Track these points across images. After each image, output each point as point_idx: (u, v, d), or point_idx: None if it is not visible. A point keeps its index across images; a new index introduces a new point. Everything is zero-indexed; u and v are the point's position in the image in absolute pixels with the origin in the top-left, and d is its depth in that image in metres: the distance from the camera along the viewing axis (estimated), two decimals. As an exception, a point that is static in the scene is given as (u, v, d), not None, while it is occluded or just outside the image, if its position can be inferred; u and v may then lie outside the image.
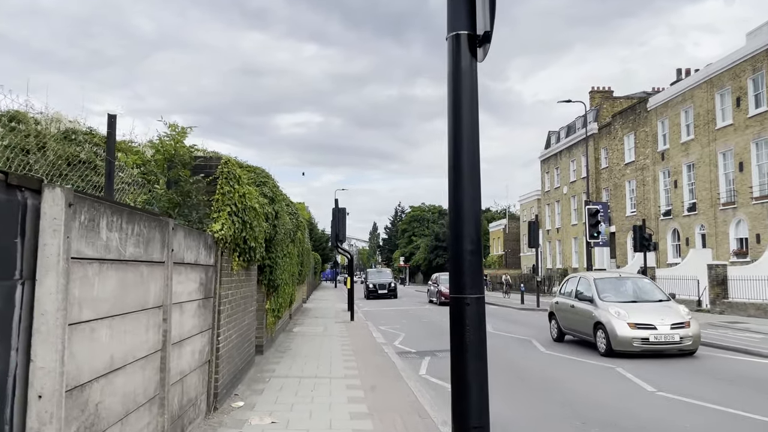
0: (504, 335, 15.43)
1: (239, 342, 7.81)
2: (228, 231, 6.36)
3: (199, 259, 5.55)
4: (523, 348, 13.08)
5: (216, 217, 6.29)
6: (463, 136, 3.37)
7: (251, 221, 7.24)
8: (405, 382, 8.27)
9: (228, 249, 6.71)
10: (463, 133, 3.37)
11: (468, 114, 3.40)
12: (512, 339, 14.71)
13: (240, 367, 7.90)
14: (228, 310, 6.87)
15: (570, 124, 48.60)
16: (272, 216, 9.47)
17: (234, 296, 7.26)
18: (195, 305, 5.43)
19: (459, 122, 3.37)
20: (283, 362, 9.89)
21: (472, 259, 3.37)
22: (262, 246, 8.54)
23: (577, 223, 45.10)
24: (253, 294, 9.11)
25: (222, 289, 6.47)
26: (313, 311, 22.91)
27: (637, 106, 35.99)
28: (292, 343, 12.44)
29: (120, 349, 3.56)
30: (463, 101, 3.40)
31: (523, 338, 14.82)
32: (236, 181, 6.71)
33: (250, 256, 7.73)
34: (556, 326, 14.08)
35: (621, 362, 10.54)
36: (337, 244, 19.85)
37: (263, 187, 9.47)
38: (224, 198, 6.38)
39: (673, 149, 31.83)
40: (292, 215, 13.56)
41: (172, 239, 4.54)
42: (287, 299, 13.54)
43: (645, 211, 34.28)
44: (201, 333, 5.71)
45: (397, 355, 11.37)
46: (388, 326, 17.99)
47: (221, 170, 6.46)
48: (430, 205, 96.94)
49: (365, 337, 13.93)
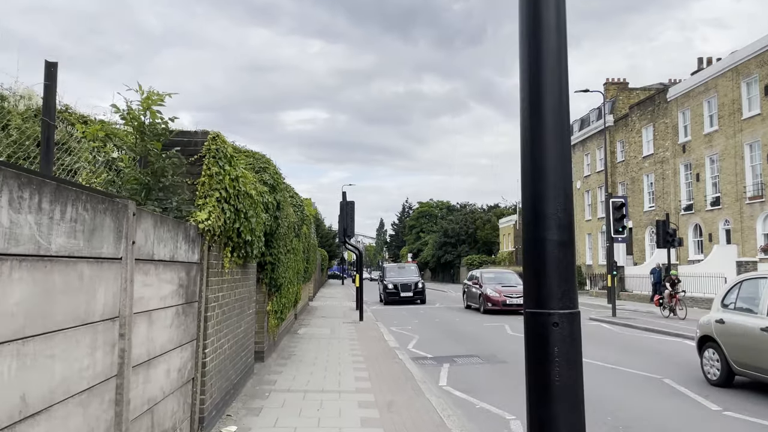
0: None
1: (234, 352, 6.72)
2: (216, 221, 5.26)
3: (177, 255, 4.45)
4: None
5: (201, 204, 5.19)
6: (545, 62, 2.23)
7: (246, 210, 6.14)
8: (425, 396, 7.16)
9: (217, 243, 5.61)
10: (544, 57, 2.23)
11: (554, 34, 2.27)
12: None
13: (235, 380, 6.81)
14: (218, 315, 5.77)
15: (583, 117, 47.21)
16: (273, 206, 8.37)
17: (226, 299, 6.16)
18: (171, 313, 4.33)
19: (539, 40, 2.24)
20: (287, 371, 8.80)
21: (561, 253, 2.24)
22: (261, 240, 7.44)
23: (591, 218, 43.80)
24: (251, 295, 8.02)
25: (210, 291, 5.37)
26: (319, 310, 21.85)
27: (656, 97, 34.62)
28: (296, 348, 11.36)
29: (41, 385, 2.47)
30: (545, 15, 2.27)
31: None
32: (227, 160, 5.60)
33: (246, 252, 6.63)
34: (721, 361, 8.43)
35: None
36: (345, 239, 18.74)
37: (263, 174, 8.37)
38: (212, 181, 5.28)
39: (695, 141, 30.48)
40: (297, 207, 12.47)
41: (133, 228, 3.44)
42: (291, 299, 12.45)
43: (664, 205, 32.97)
44: (180, 347, 4.61)
45: (412, 361, 10.27)
46: (399, 327, 16.88)
47: (208, 147, 5.35)
48: (438, 201, 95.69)
49: (376, 341, 12.83)
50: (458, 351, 11.93)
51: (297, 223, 12.19)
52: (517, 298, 20.64)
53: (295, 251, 12.30)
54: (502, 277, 23.70)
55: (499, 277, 23.64)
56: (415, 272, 29.48)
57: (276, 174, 8.76)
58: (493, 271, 25.30)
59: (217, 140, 5.43)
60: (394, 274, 28.96)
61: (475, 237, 70.94)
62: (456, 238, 71.48)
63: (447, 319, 19.57)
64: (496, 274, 24.34)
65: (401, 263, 31.01)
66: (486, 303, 21.51)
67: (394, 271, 29.75)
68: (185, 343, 4.75)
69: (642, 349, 12.33)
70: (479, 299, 22.34)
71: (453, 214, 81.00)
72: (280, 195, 8.79)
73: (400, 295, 26.96)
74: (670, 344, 13.02)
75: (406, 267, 31.05)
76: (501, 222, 68.30)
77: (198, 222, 5.03)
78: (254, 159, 8.60)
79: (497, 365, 10.22)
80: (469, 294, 24.62)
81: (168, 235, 4.22)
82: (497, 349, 12.19)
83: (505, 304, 20.93)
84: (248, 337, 7.85)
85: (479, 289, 22.66)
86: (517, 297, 20.70)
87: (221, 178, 5.39)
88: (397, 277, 28.19)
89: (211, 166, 5.30)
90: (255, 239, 6.85)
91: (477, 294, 22.83)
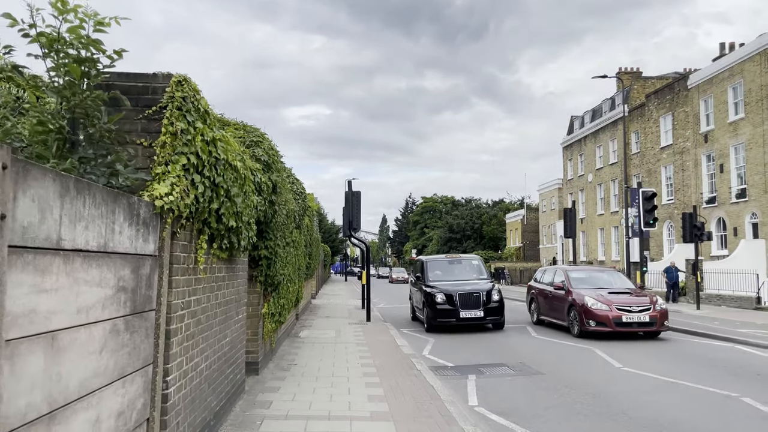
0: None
1: (215, 370, 5.23)
2: (183, 197, 3.77)
3: (114, 244, 2.97)
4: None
5: (161, 173, 3.70)
6: None
7: (229, 187, 4.64)
8: (459, 425, 5.67)
9: (187, 229, 4.12)
10: None
11: None
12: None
13: (216, 407, 5.33)
14: (189, 327, 4.28)
15: (596, 108, 45.61)
16: (268, 188, 6.87)
17: (202, 303, 4.67)
18: (102, 332, 2.85)
19: None
20: (285, 388, 7.32)
21: None
22: (252, 228, 5.95)
23: (604, 212, 42.25)
24: (240, 296, 6.53)
25: (174, 296, 3.88)
26: (323, 309, 20.37)
27: (675, 85, 32.98)
28: (297, 356, 9.88)
29: None
30: None
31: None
32: (199, 116, 4.10)
33: (230, 242, 5.14)
34: None
35: None
36: (351, 232, 17.23)
37: (255, 149, 6.87)
38: (176, 142, 3.78)
39: (718, 130, 28.86)
40: (298, 195, 10.97)
41: (3, 194, 1.94)
42: (292, 299, 10.97)
43: (684, 198, 31.40)
44: (122, 379, 3.13)
45: (432, 372, 8.79)
46: (410, 328, 15.40)
47: (171, 95, 3.85)
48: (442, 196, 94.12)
49: (387, 345, 11.35)
50: (483, 359, 10.43)
51: (298, 213, 10.70)
52: (640, 313, 12.95)
53: (295, 244, 10.81)
54: (599, 278, 15.22)
55: (595, 278, 15.17)
56: (480, 271, 16.64)
57: (272, 150, 7.26)
58: (583, 269, 16.50)
59: (184, 86, 3.92)
60: (443, 274, 16.23)
61: (481, 232, 69.41)
62: (461, 234, 69.97)
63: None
64: (588, 273, 15.72)
65: (453, 255, 19.37)
66: (585, 320, 13.11)
67: (443, 267, 16.71)
68: (132, 372, 3.26)
69: (696, 357, 10.71)
70: (569, 313, 13.97)
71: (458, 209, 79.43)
72: (277, 175, 7.29)
73: (460, 315, 14.31)
74: (727, 352, 11.41)
75: (464, 261, 17.31)
76: (508, 217, 66.75)
77: (154, 198, 3.53)
78: (245, 131, 7.10)
79: (533, 378, 8.72)
80: (542, 303, 15.93)
81: (95, 212, 2.72)
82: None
83: (619, 323, 12.80)
84: (237, 349, 6.37)
85: (567, 297, 14.20)
86: (639, 310, 13.00)
87: (190, 138, 3.89)
88: (452, 281, 15.52)
89: (175, 120, 3.79)
90: (243, 226, 5.35)
91: (565, 305, 14.24)
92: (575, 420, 6.34)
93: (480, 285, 15.19)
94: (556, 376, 8.72)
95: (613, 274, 15.93)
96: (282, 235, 8.56)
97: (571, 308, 13.82)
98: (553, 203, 53.75)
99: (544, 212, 56.69)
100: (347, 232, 17.42)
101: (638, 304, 13.16)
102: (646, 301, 13.28)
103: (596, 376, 8.78)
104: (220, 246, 4.97)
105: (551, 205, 54.40)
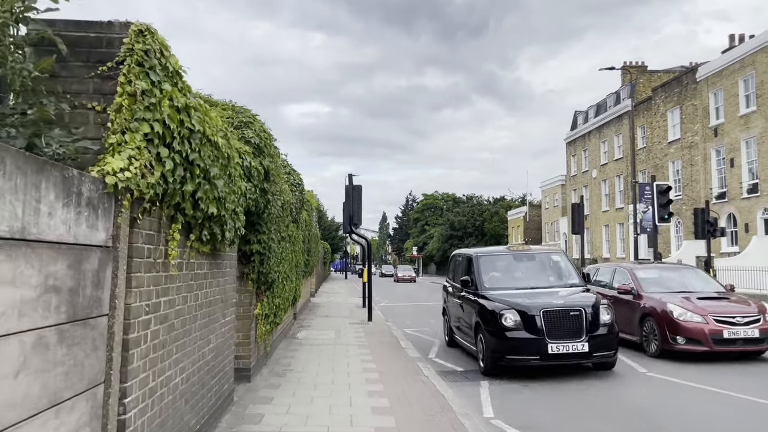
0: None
1: (195, 383, 4.49)
2: (145, 176, 3.03)
3: (40, 230, 2.22)
4: None
5: (114, 144, 2.95)
6: None
7: (208, 166, 3.89)
8: (476, 444, 4.92)
9: (154, 215, 3.38)
10: None
11: None
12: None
13: (197, 426, 4.58)
14: (159, 334, 3.54)
15: (600, 102, 44.86)
16: (259, 174, 6.12)
17: (177, 306, 3.93)
18: (19, 346, 2.10)
19: None
20: (279, 398, 6.58)
21: None
22: (239, 218, 5.20)
23: (609, 209, 41.52)
24: (228, 296, 5.79)
25: (135, 297, 3.13)
26: (322, 308, 19.64)
27: (683, 78, 32.19)
28: (294, 359, 9.14)
29: None
30: None
31: None
32: (167, 76, 3.34)
33: (211, 233, 4.39)
34: None
35: None
36: (351, 228, 16.47)
37: (245, 130, 6.12)
38: (136, 105, 3.03)
39: (729, 123, 28.09)
40: (295, 187, 10.22)
41: None
42: (288, 298, 10.24)
43: (693, 194, 30.65)
44: (54, 407, 2.38)
45: (440, 377, 8.06)
46: (414, 328, 14.66)
47: (130, 47, 3.10)
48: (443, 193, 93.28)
49: (391, 348, 10.61)
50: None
51: (295, 205, 9.96)
52: (747, 326, 9.43)
53: (292, 239, 10.07)
54: (675, 278, 11.44)
55: (670, 278, 11.43)
56: (566, 273, 10.16)
57: (264, 132, 6.51)
58: (652, 267, 12.30)
59: (147, 37, 3.17)
60: (505, 277, 9.91)
61: (482, 230, 68.64)
62: (463, 231, 69.21)
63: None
64: (659, 271, 11.84)
65: (520, 247, 11.11)
66: (668, 335, 9.65)
67: (505, 267, 10.26)
68: (71, 396, 2.52)
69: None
70: (642, 325, 10.39)
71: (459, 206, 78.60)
72: (270, 161, 6.53)
73: (549, 348, 8.14)
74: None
75: (538, 257, 10.52)
76: (510, 214, 66.01)
77: (105, 173, 2.79)
78: (233, 111, 6.36)
79: (548, 382, 7.98)
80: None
81: (6, 187, 1.98)
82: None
83: (720, 341, 9.36)
84: (224, 356, 5.63)
85: (637, 304, 10.64)
86: (746, 323, 9.49)
87: (154, 102, 3.13)
88: (525, 290, 9.26)
89: (135, 78, 3.04)
90: (227, 215, 4.60)
91: (635, 315, 10.60)
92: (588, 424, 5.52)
93: (576, 297, 8.79)
94: (576, 387, 7.97)
95: (690, 272, 11.97)
96: (277, 228, 7.82)
97: (646, 319, 10.25)
98: (556, 200, 53.01)
99: (546, 209, 55.95)
100: (348, 228, 16.66)
101: (743, 313, 9.58)
102: (752, 310, 9.73)
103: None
104: (199, 237, 4.23)
105: (554, 201, 53.66)
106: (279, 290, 8.57)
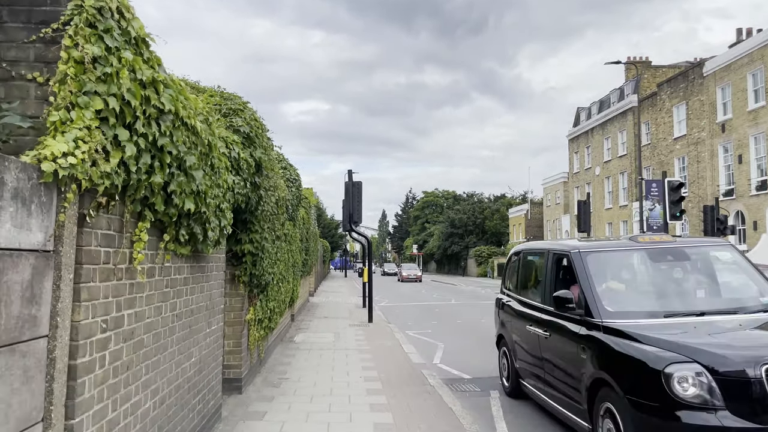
0: None
1: (172, 406, 3.91)
2: (97, 163, 2.44)
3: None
4: None
5: (57, 123, 2.37)
6: None
7: (182, 154, 3.31)
8: (493, 471, 4.33)
9: (112, 212, 2.79)
10: None
11: None
12: None
13: (175, 453, 4.01)
14: (122, 354, 2.95)
15: (603, 98, 44.20)
16: (249, 167, 5.54)
17: (147, 318, 3.34)
18: None
19: None
20: (272, 413, 6.00)
21: None
22: (225, 215, 4.61)
23: (612, 207, 40.92)
24: (215, 302, 5.21)
25: (87, 312, 2.55)
26: (321, 308, 19.06)
27: (689, 73, 31.57)
28: (290, 366, 8.56)
29: None
30: None
31: None
32: (127, 40, 2.75)
33: (190, 233, 3.81)
34: None
35: None
36: (351, 226, 15.89)
37: (234, 118, 5.53)
38: (85, 76, 2.45)
39: (737, 119, 27.49)
40: (291, 182, 9.64)
41: None
42: (285, 300, 9.66)
43: (700, 191, 30.07)
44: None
45: (447, 387, 7.49)
46: (417, 330, 14.09)
47: (79, 4, 2.51)
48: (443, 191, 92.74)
49: (393, 352, 10.04)
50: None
51: (291, 202, 9.37)
52: None
53: (288, 238, 9.48)
54: None
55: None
56: (760, 285, 5.24)
57: (255, 121, 5.92)
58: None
59: (100, -7, 2.58)
60: (650, 297, 5.22)
61: (483, 227, 68.11)
62: (463, 229, 68.67)
63: (469, 318, 16.60)
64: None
65: (659, 237, 5.49)
66: None
67: (648, 277, 5.49)
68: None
69: None
70: None
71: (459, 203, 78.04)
72: (262, 153, 5.94)
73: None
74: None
75: (694, 257, 5.59)
76: (511, 212, 65.42)
77: (42, 158, 2.20)
78: (222, 98, 5.77)
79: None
80: None
81: None
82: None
83: None
84: (210, 369, 5.05)
85: None
86: None
87: (110, 72, 2.55)
88: (705, 325, 4.52)
89: (84, 42, 2.46)
90: (209, 211, 4.02)
91: None
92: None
93: None
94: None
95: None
96: (271, 226, 7.23)
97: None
98: (558, 197, 52.42)
99: (548, 207, 55.37)
100: (348, 225, 16.08)
101: None
102: None
103: None
104: (176, 238, 3.65)
105: (556, 199, 53.07)
106: (274, 293, 7.99)
